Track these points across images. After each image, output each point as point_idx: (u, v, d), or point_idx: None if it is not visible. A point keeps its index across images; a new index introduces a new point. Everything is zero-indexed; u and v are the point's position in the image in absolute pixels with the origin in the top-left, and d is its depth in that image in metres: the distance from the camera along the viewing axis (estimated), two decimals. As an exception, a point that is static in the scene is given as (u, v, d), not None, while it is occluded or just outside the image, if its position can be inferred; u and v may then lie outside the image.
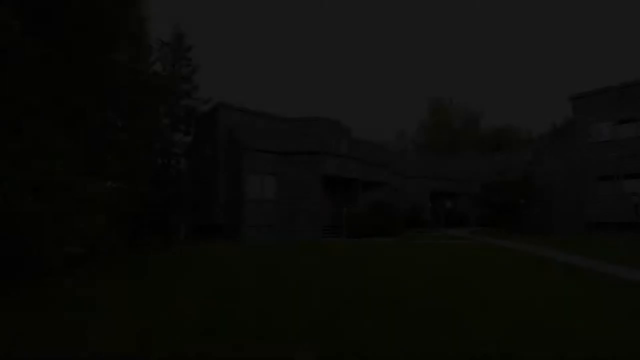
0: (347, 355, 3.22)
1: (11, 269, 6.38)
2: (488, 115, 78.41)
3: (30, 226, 5.43)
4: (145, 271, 8.59)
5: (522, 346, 3.34)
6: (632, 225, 14.60)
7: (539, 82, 75.69)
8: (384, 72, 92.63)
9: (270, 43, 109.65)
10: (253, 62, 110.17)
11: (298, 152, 17.56)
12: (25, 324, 4.35)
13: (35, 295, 5.94)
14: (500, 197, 18.86)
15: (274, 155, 17.17)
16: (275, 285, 6.53)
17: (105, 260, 9.27)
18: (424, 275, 7.39)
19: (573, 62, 76.24)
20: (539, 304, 4.85)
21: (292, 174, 17.38)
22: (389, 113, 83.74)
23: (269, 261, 9.89)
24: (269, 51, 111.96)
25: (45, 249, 5.76)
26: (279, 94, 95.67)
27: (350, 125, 23.04)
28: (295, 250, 11.99)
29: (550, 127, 43.39)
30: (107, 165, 11.41)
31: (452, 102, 48.50)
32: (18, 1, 6.72)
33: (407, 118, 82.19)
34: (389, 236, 18.13)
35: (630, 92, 15.55)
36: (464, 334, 3.72)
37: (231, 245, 14.17)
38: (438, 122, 46.97)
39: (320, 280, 7.00)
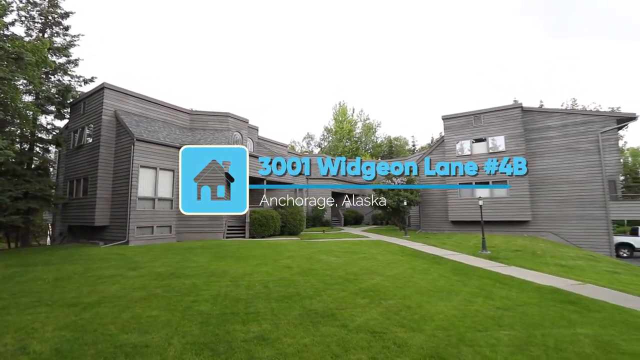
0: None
1: None
2: (385, 126, 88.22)
3: None
4: None
5: (393, 288, 7.00)
6: (479, 223, 18.58)
7: (430, 98, 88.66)
8: (295, 77, 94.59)
9: (193, 41, 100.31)
10: (158, 53, 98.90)
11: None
12: None
13: None
14: (389, 198, 21.46)
15: (171, 149, 15.74)
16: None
17: None
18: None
19: (460, 81, 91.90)
20: (406, 272, 8.89)
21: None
22: (297, 116, 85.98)
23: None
24: (186, 48, 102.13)
25: None
26: (186, 88, 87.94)
27: (258, 125, 22.90)
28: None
29: (429, 139, 51.27)
30: None
31: (355, 111, 52.84)
32: None
33: (314, 122, 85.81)
34: (291, 235, 18.72)
35: (481, 118, 20.08)
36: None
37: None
38: (341, 129, 50.41)
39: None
